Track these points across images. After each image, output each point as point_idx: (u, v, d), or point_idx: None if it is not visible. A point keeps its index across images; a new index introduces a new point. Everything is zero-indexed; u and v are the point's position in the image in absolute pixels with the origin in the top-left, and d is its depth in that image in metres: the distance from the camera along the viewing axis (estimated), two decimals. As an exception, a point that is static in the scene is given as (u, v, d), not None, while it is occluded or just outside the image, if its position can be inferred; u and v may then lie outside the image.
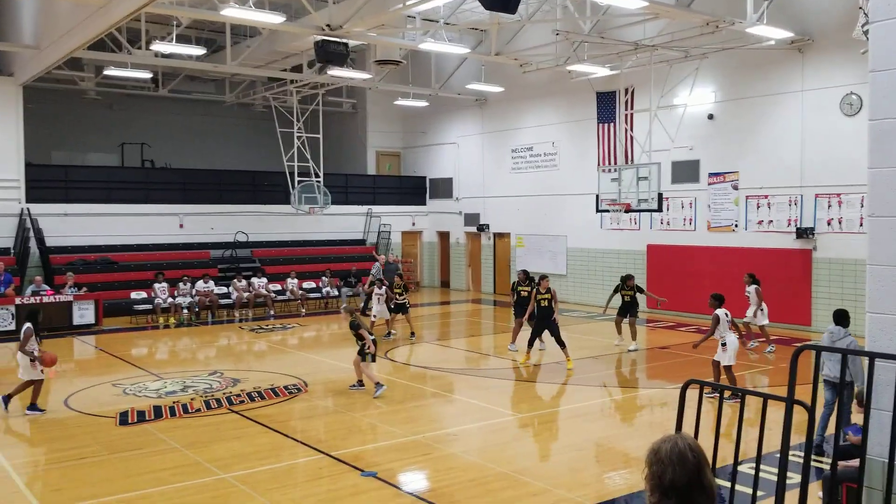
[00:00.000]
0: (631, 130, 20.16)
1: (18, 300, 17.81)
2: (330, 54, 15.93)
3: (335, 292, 22.68)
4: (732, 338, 11.03)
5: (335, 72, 20.27)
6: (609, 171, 19.52)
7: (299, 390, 12.02)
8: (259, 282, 21.68)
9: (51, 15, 17.69)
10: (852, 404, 6.65)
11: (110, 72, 21.42)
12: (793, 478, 6.09)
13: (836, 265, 16.84)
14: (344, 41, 15.99)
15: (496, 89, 23.36)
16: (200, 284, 20.67)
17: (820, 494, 6.38)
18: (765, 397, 4.77)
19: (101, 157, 26.45)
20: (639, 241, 21.08)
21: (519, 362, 14.14)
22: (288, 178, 23.92)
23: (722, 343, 10.96)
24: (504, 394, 12.08)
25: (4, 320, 17.64)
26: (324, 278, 22.97)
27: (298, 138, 24.03)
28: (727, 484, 5.00)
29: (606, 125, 21.22)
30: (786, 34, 16.22)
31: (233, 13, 14.37)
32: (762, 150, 18.21)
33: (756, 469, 4.65)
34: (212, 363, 14.67)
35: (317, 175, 24.18)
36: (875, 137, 4.23)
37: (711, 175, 19.30)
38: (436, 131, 28.30)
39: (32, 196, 21.54)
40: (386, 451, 8.88)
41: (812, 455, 8.07)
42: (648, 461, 2.77)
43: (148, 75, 23.11)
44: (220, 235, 24.15)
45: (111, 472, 8.21)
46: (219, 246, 24.01)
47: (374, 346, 11.81)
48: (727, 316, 11.13)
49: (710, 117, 19.26)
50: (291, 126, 24.05)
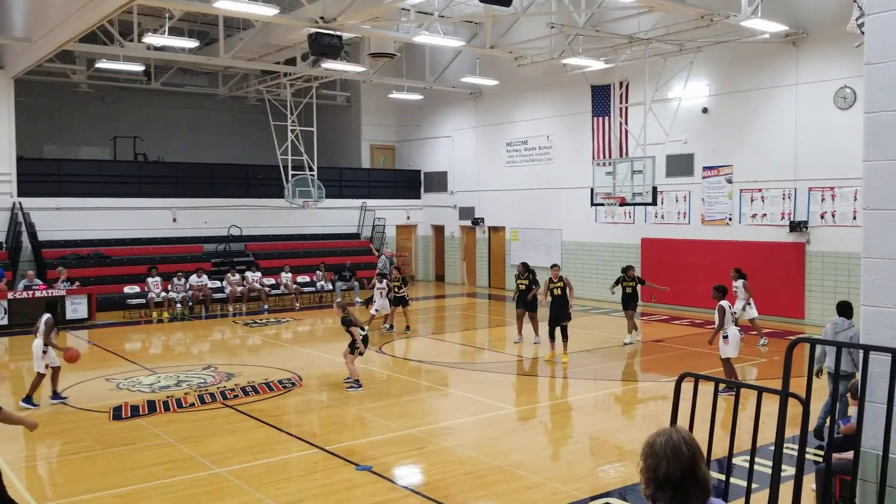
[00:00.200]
0: (625, 124, 20.16)
1: (11, 295, 17.74)
2: (324, 47, 15.86)
3: (329, 286, 22.65)
4: (734, 330, 11.04)
5: (329, 65, 20.20)
6: (604, 165, 19.53)
7: (293, 385, 12.00)
8: (253, 276, 21.63)
9: (42, 7, 17.57)
10: (847, 396, 6.66)
11: (102, 65, 21.30)
12: (787, 470, 6.11)
13: (830, 258, 16.88)
14: (338, 34, 15.92)
15: (491, 82, 23.31)
16: (194, 279, 20.61)
17: (814, 487, 6.40)
18: (759, 390, 4.77)
19: (94, 151, 26.33)
20: (633, 235, 21.09)
21: (544, 359, 13.83)
22: (282, 172, 23.86)
23: (724, 336, 10.98)
24: (499, 387, 12.08)
25: (-3, 315, 17.59)
26: (318, 272, 22.93)
27: (292, 131, 23.95)
28: (722, 476, 5.01)
29: (601, 119, 21.23)
30: (780, 27, 16.21)
31: (225, 5, 14.27)
32: (756, 144, 18.22)
33: (751, 462, 4.65)
34: (205, 357, 14.64)
35: (311, 169, 24.11)
36: (870, 130, 4.22)
37: (705, 168, 19.32)
38: (430, 125, 28.25)
39: (24, 190, 21.42)
40: (381, 445, 8.87)
41: (817, 440, 8.09)
42: (643, 454, 2.78)
43: (140, 68, 22.99)
44: (214, 229, 24.09)
45: (105, 467, 8.19)
46: (212, 240, 23.96)
47: (364, 346, 11.82)
48: (730, 307, 11.14)
49: (705, 111, 19.26)
50: (285, 119, 23.96)
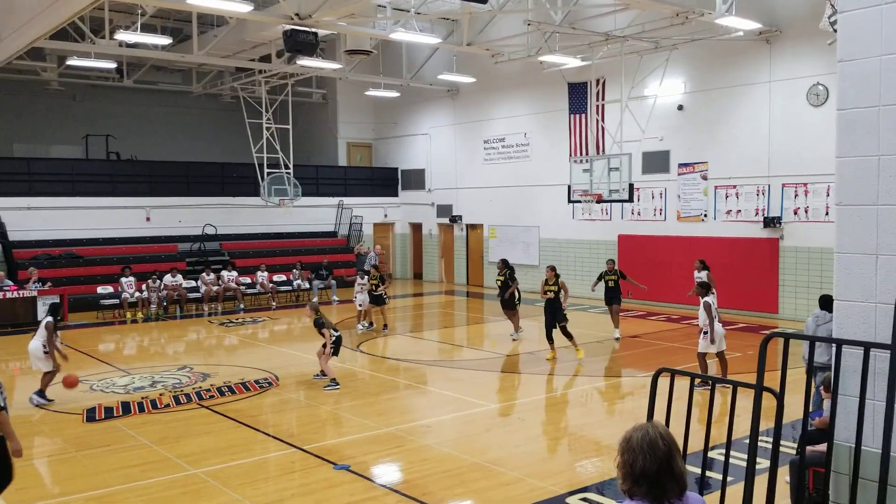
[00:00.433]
0: (602, 121, 20.25)
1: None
2: (299, 44, 15.75)
3: (306, 285, 22.53)
4: (718, 326, 11.14)
5: (304, 62, 20.08)
6: (581, 162, 19.60)
7: (270, 384, 11.92)
8: (229, 275, 21.45)
9: (11, 3, 17.24)
10: (821, 389, 6.73)
11: (73, 62, 21.00)
12: (762, 463, 6.17)
13: (803, 253, 17.08)
14: (313, 30, 15.82)
15: (468, 80, 23.30)
16: (168, 278, 20.38)
17: (788, 479, 6.47)
18: (734, 384, 4.81)
19: (65, 150, 25.96)
20: (610, 232, 21.20)
21: (546, 358, 13.57)
22: (257, 170, 23.68)
23: (704, 332, 11.08)
24: (477, 384, 12.08)
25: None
26: (294, 271, 22.80)
27: (267, 129, 23.77)
28: (698, 470, 5.04)
29: (578, 116, 21.30)
30: (754, 25, 16.37)
31: (199, 1, 14.14)
32: (730, 141, 18.39)
33: (726, 455, 4.69)
34: (181, 358, 14.49)
35: (286, 166, 23.96)
36: (843, 127, 4.25)
37: (681, 165, 19.47)
38: (407, 122, 28.18)
39: (-6, 189, 21.09)
40: (359, 444, 8.84)
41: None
42: (620, 449, 2.79)
43: (112, 65, 22.71)
44: (188, 228, 23.86)
45: (79, 470, 8.08)
46: (187, 239, 23.73)
47: (337, 348, 11.88)
48: (715, 303, 11.23)
49: (680, 108, 19.41)
50: (260, 117, 23.78)
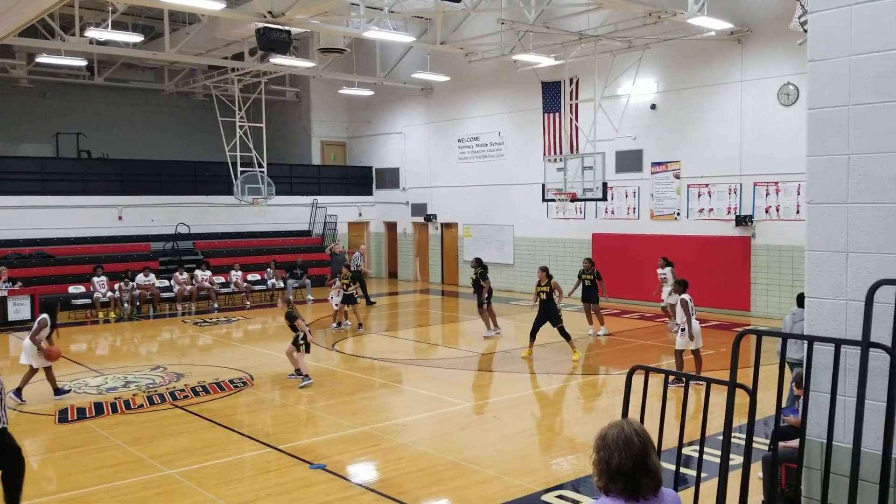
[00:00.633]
0: (576, 120, 20.34)
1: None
2: (272, 42, 15.65)
3: (281, 284, 22.40)
4: (694, 323, 11.23)
5: (277, 60, 19.94)
6: (555, 161, 19.67)
7: (245, 384, 11.84)
8: (203, 274, 21.25)
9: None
10: (793, 385, 6.83)
11: (43, 59, 20.69)
12: (735, 459, 6.24)
13: (774, 251, 17.31)
14: (286, 28, 15.72)
15: (442, 78, 23.29)
16: (141, 278, 20.16)
17: (760, 475, 6.55)
18: (708, 381, 4.86)
19: (35, 148, 25.58)
20: (584, 230, 21.32)
21: (521, 356, 13.57)
22: (230, 169, 23.48)
23: (681, 329, 11.18)
24: (453, 383, 12.10)
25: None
26: (269, 270, 22.65)
27: (241, 128, 23.59)
28: (672, 466, 5.09)
29: (552, 115, 21.39)
30: (725, 25, 16.54)
31: (171, -1, 13.99)
32: (703, 140, 18.57)
33: (700, 451, 4.73)
34: (154, 358, 14.33)
35: (260, 165, 23.79)
36: (813, 126, 4.30)
37: (654, 164, 19.62)
38: (382, 121, 28.11)
39: (-38, 188, 20.73)
40: (334, 443, 8.81)
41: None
42: (596, 446, 2.81)
43: (83, 63, 22.39)
44: (161, 227, 23.62)
45: (51, 471, 7.98)
46: (159, 238, 23.49)
47: (307, 339, 11.87)
48: (691, 301, 11.32)
49: (653, 107, 19.56)
50: (233, 115, 23.58)
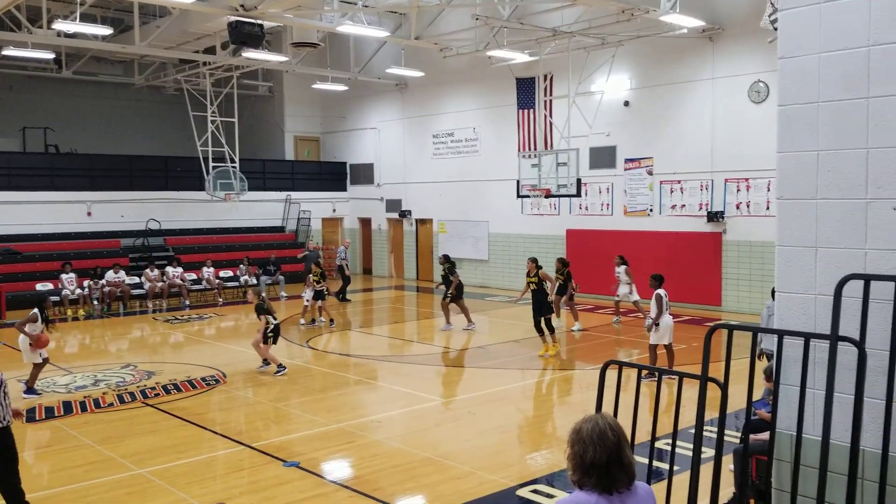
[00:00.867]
0: (550, 116, 20.41)
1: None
2: (244, 36, 15.50)
3: (253, 280, 22.21)
4: (667, 318, 11.32)
5: (250, 54, 19.77)
6: (529, 157, 19.75)
7: (217, 381, 11.73)
8: (174, 271, 21.01)
9: (-59, -11, 16.57)
10: (763, 378, 6.90)
11: (9, 52, 20.27)
12: (707, 452, 6.31)
13: (745, 247, 17.52)
14: (259, 22, 15.57)
15: (416, 74, 23.22)
16: (110, 275, 19.87)
17: (732, 467, 6.63)
18: (680, 376, 4.89)
19: (1, 143, 25.05)
20: (558, 226, 21.41)
21: (539, 354, 13.31)
22: (202, 164, 23.23)
23: (655, 323, 11.26)
24: (427, 379, 12.09)
25: None
26: (241, 266, 22.45)
27: (212, 122, 23.34)
28: (645, 460, 5.12)
29: (526, 111, 21.42)
30: (697, 23, 16.69)
31: (141, -9, 13.79)
32: (675, 137, 18.72)
33: (672, 445, 4.77)
34: (124, 356, 14.15)
35: (232, 160, 23.57)
36: (783, 123, 4.34)
37: (627, 161, 19.75)
38: (356, 116, 27.97)
39: (-75, 183, 20.28)
40: (308, 441, 8.76)
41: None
42: (570, 441, 2.82)
43: (50, 56, 21.98)
44: (131, 223, 23.31)
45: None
46: (130, 234, 23.18)
47: (275, 336, 12.08)
48: (666, 296, 11.40)
49: (626, 104, 19.67)
50: (205, 110, 23.32)
